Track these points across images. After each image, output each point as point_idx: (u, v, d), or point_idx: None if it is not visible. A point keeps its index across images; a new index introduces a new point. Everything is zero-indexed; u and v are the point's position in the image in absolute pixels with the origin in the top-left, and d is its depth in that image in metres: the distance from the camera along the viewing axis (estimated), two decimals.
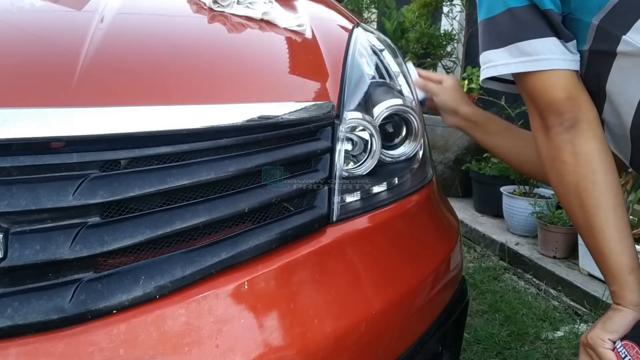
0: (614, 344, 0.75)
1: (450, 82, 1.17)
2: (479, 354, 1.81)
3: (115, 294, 0.63)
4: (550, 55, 0.76)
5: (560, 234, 2.47)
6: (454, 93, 1.15)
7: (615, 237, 0.75)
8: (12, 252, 0.60)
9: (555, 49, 0.77)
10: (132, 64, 0.78)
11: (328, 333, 0.72)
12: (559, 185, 0.80)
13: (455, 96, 1.15)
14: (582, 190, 0.76)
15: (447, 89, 1.15)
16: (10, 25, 0.83)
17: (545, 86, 0.77)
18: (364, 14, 5.24)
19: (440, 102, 1.15)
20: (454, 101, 1.14)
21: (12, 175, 0.63)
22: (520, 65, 0.78)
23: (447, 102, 1.14)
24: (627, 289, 0.76)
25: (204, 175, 0.71)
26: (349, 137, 0.89)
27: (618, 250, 0.76)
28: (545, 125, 0.79)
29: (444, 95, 1.15)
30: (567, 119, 0.76)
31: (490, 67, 0.82)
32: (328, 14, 1.20)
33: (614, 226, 0.75)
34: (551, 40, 0.77)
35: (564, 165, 0.77)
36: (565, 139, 0.76)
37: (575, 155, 0.76)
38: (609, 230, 0.75)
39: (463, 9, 3.68)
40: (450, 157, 3.33)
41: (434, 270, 0.93)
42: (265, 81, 0.87)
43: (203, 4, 1.00)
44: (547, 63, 0.76)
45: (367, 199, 0.88)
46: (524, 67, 0.78)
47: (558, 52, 0.77)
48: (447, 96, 1.15)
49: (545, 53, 0.76)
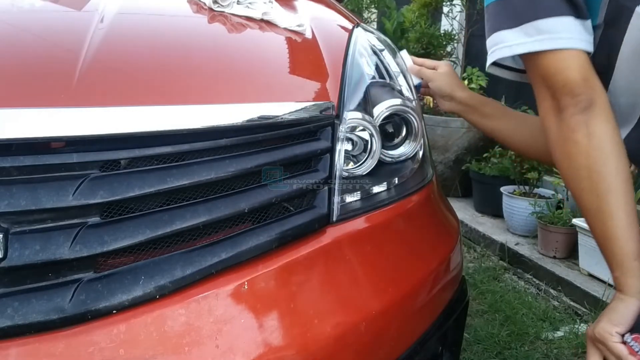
0: (623, 337, 0.75)
1: (445, 68, 1.17)
2: (479, 354, 1.81)
3: (115, 294, 0.63)
4: (568, 34, 0.75)
5: (560, 234, 2.47)
6: (449, 78, 1.15)
7: (624, 223, 0.75)
8: (12, 252, 0.60)
9: (574, 28, 0.75)
10: (132, 64, 0.78)
11: (328, 333, 0.72)
12: (569, 168, 0.79)
13: (450, 81, 1.15)
14: (594, 172, 0.75)
15: (442, 75, 1.16)
16: (11, 25, 0.83)
17: (561, 66, 0.76)
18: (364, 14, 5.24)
19: (436, 87, 1.16)
20: (449, 86, 1.14)
21: (12, 175, 0.63)
22: (537, 44, 0.76)
23: (442, 88, 1.15)
24: (631, 275, 0.75)
25: (204, 175, 0.71)
26: (349, 137, 0.89)
27: (626, 236, 0.75)
28: (557, 107, 0.78)
29: (439, 81, 1.15)
30: (582, 100, 0.75)
31: (503, 47, 0.80)
32: (328, 14, 1.20)
33: (623, 211, 0.75)
34: (569, 19, 0.75)
35: (577, 147, 0.76)
36: (580, 120, 0.75)
37: (589, 136, 0.75)
38: (619, 215, 0.75)
39: (463, 9, 3.68)
40: (450, 157, 3.33)
41: (434, 270, 0.93)
42: (265, 81, 0.87)
43: (203, 4, 1.00)
44: (566, 42, 0.75)
45: (367, 199, 0.88)
46: (541, 45, 0.76)
47: (576, 32, 0.75)
48: (442, 82, 1.15)
49: (563, 32, 0.75)
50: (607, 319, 0.77)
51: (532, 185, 2.84)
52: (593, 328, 0.78)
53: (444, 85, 1.15)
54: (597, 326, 0.78)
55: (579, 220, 2.36)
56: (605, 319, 0.77)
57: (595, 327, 0.78)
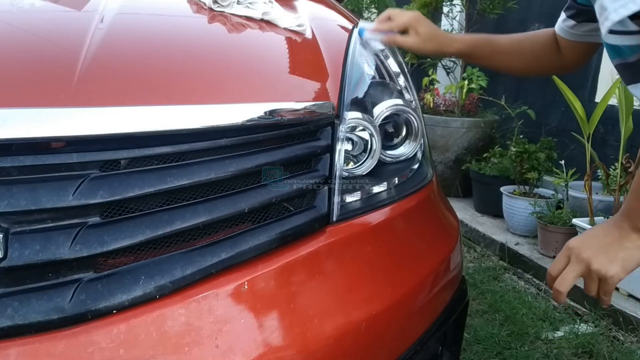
0: None
1: (423, 29, 1.06)
2: (479, 354, 1.81)
3: (115, 294, 0.63)
4: None
5: (560, 234, 2.47)
6: (432, 41, 1.08)
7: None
8: (12, 252, 0.60)
9: None
10: (132, 64, 0.78)
11: (328, 333, 0.72)
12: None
13: (437, 42, 1.08)
14: None
15: (424, 40, 1.07)
16: (11, 25, 0.83)
17: None
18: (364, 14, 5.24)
19: (426, 54, 1.12)
20: (438, 49, 1.10)
21: (12, 175, 0.63)
22: None
23: (433, 52, 1.12)
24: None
25: (204, 175, 0.71)
26: (349, 137, 0.89)
27: None
28: None
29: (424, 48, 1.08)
30: None
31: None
32: (328, 14, 1.20)
33: None
34: None
35: None
36: None
37: None
38: None
39: (463, 9, 3.68)
40: (450, 157, 3.33)
41: (434, 270, 0.93)
42: (265, 81, 0.87)
43: (203, 4, 1.00)
44: None
45: (367, 199, 0.88)
46: None
47: None
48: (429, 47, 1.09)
49: None
50: (621, 264, 0.76)
51: (532, 185, 2.83)
52: (593, 257, 0.77)
53: (432, 51, 1.11)
54: (608, 266, 0.77)
55: (579, 220, 2.36)
56: (619, 264, 0.76)
57: (600, 262, 0.77)
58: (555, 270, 0.82)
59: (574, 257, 0.80)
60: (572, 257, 0.80)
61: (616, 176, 2.31)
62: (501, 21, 3.60)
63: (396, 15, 1.08)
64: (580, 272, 0.79)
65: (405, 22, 1.06)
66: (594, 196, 2.42)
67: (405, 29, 1.07)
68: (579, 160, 2.69)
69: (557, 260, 0.82)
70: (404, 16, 1.07)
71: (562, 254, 0.82)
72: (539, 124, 3.20)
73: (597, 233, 0.80)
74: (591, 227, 0.84)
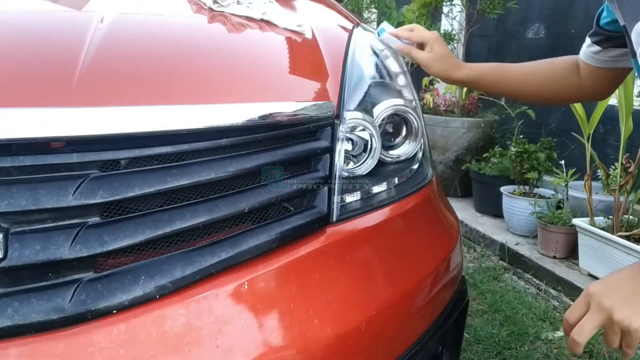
0: None
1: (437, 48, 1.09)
2: (479, 354, 1.81)
3: (115, 294, 0.63)
4: None
5: (560, 234, 2.47)
6: (443, 63, 1.10)
7: None
8: (12, 252, 0.60)
9: None
10: (132, 64, 0.78)
11: (328, 333, 0.72)
12: None
13: (446, 66, 1.10)
14: None
15: (436, 60, 1.10)
16: (11, 25, 0.83)
17: None
18: (364, 14, 5.24)
19: (433, 73, 1.13)
20: (445, 71, 1.11)
21: (12, 175, 0.63)
22: None
23: (439, 73, 1.13)
24: None
25: (204, 175, 0.71)
26: (349, 137, 0.89)
27: None
28: None
29: (433, 67, 1.10)
30: None
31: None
32: (328, 14, 1.20)
33: None
34: None
35: None
36: None
37: None
38: None
39: (463, 9, 3.68)
40: (450, 157, 3.33)
41: (434, 270, 0.93)
42: (265, 81, 0.87)
43: (203, 4, 1.00)
44: None
45: (367, 199, 0.88)
46: None
47: None
48: (437, 67, 1.10)
49: None
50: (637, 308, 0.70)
51: (532, 185, 2.83)
52: (616, 307, 0.70)
53: (440, 71, 1.12)
54: (630, 315, 0.70)
55: (579, 220, 2.36)
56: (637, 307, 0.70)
57: (623, 312, 0.70)
58: (573, 317, 0.76)
59: (595, 305, 0.73)
60: (593, 304, 0.73)
61: (616, 176, 2.31)
62: (501, 21, 3.61)
63: (418, 29, 1.11)
64: (601, 322, 0.72)
65: (424, 37, 1.10)
66: (594, 196, 2.42)
67: (423, 44, 1.10)
68: (579, 160, 2.69)
69: (576, 306, 0.76)
70: (425, 32, 1.11)
71: (581, 299, 0.75)
72: (539, 124, 3.20)
73: (619, 280, 0.74)
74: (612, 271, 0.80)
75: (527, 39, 3.53)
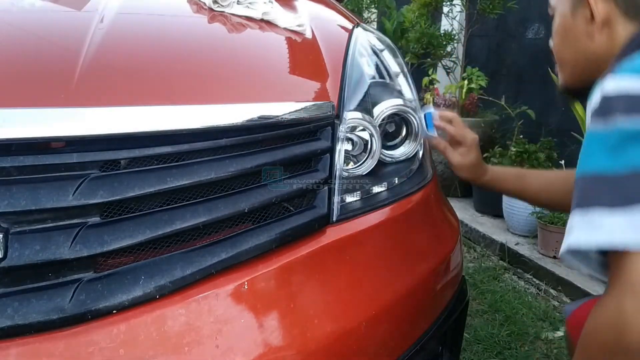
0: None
1: (474, 157, 1.09)
2: (479, 354, 1.81)
3: (115, 294, 0.63)
4: None
5: (560, 234, 2.47)
6: (473, 171, 1.11)
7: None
8: (12, 252, 0.60)
9: None
10: (132, 64, 0.78)
11: (328, 333, 0.72)
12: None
13: (475, 173, 1.11)
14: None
15: (469, 167, 1.10)
16: (11, 25, 0.83)
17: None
18: (364, 14, 5.24)
19: (460, 177, 1.12)
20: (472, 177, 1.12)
21: (12, 175, 0.63)
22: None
23: (467, 178, 1.12)
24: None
25: (204, 175, 0.71)
26: (349, 137, 0.89)
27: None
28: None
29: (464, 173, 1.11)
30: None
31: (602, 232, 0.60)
32: (328, 14, 1.20)
33: None
34: None
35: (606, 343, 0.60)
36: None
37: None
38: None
39: (463, 9, 3.68)
40: None
41: (434, 270, 0.93)
42: (265, 81, 0.87)
43: (203, 4, 1.00)
44: None
45: (367, 199, 0.88)
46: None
47: None
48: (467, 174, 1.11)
49: None
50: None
51: None
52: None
53: (467, 177, 1.12)
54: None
55: None
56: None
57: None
58: None
59: None
60: None
61: None
62: (501, 21, 3.61)
63: (458, 122, 1.11)
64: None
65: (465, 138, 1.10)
66: None
67: (459, 143, 1.10)
68: None
69: None
70: (467, 132, 1.10)
71: None
72: (539, 124, 3.20)
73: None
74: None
75: (527, 39, 3.54)
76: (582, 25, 0.81)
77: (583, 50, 0.82)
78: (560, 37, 0.87)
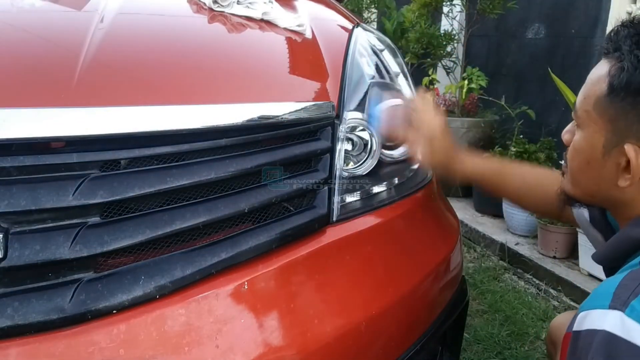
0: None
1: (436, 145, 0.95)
2: (479, 354, 1.81)
3: (115, 294, 0.63)
4: None
5: (560, 234, 2.47)
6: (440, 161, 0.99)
7: None
8: (12, 252, 0.60)
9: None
10: (132, 64, 0.78)
11: (328, 333, 0.72)
12: None
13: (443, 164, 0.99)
14: None
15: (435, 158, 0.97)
16: (11, 25, 0.83)
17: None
18: (364, 14, 5.23)
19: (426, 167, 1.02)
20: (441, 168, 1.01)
21: (12, 175, 0.63)
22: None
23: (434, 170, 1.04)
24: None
25: (204, 175, 0.71)
26: (349, 137, 0.89)
27: None
28: None
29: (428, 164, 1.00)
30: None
31: None
32: (328, 14, 1.20)
33: None
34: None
35: None
36: None
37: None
38: None
39: (463, 9, 3.68)
40: None
41: (434, 270, 0.93)
42: (265, 81, 0.87)
43: (203, 4, 1.00)
44: None
45: (367, 199, 0.88)
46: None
47: None
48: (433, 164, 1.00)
49: None
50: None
51: None
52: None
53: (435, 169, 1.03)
54: None
55: None
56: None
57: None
58: None
59: None
60: None
61: None
62: (501, 21, 3.61)
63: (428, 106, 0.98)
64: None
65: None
66: None
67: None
68: None
69: None
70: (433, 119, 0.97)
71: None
72: (539, 124, 3.20)
73: None
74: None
75: (527, 39, 3.53)
76: (612, 169, 0.73)
77: (606, 189, 0.76)
78: (579, 162, 0.79)
